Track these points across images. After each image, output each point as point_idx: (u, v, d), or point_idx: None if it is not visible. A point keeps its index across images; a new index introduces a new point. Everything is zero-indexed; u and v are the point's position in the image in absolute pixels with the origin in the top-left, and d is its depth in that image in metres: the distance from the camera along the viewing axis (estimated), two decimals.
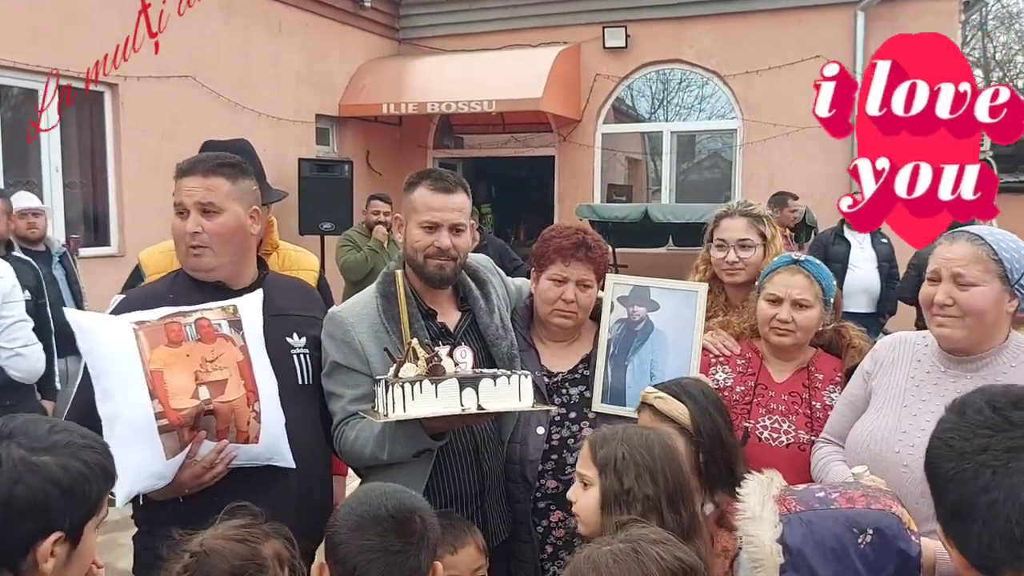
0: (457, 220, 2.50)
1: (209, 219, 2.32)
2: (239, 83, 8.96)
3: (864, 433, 2.27)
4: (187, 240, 2.32)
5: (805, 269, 2.65)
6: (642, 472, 1.93)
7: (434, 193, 2.50)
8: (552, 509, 2.62)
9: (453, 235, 2.50)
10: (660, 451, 1.98)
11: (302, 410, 2.39)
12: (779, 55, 9.91)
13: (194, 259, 2.34)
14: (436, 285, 2.54)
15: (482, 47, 10.84)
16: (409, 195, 2.55)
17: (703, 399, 2.33)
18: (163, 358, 2.07)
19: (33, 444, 1.39)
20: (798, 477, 2.50)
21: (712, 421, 2.29)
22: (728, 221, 3.01)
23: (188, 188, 2.33)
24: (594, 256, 2.65)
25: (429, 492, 2.45)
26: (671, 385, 2.39)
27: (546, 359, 2.73)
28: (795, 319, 2.60)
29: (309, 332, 2.50)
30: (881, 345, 2.41)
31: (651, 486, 1.92)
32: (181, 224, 2.33)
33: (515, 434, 2.64)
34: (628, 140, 11.91)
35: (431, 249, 2.48)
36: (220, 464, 2.13)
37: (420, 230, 2.49)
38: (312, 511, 2.34)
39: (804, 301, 2.60)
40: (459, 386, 2.14)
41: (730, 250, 2.95)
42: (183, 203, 2.33)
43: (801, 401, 2.63)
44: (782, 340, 2.63)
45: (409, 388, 2.09)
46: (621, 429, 2.04)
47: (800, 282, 2.62)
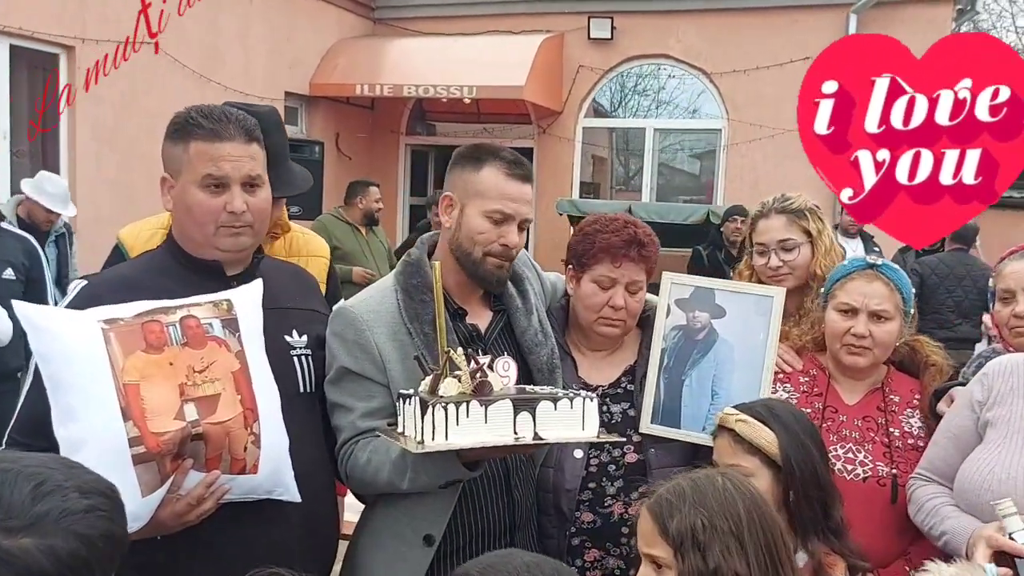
0: (528, 215, 2.13)
1: (252, 194, 1.92)
2: (205, 55, 8.42)
3: (983, 472, 1.94)
4: (223, 220, 1.89)
5: (884, 275, 2.31)
6: (729, 542, 1.51)
7: (510, 179, 2.08)
8: (588, 547, 2.25)
9: (520, 232, 2.12)
10: (746, 508, 1.56)
11: (305, 424, 1.97)
12: (768, 55, 9.66)
13: (231, 239, 1.91)
14: (492, 287, 2.15)
15: (462, 31, 10.41)
16: (472, 173, 2.10)
17: (795, 425, 1.97)
18: (140, 368, 1.63)
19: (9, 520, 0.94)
20: (878, 515, 2.19)
21: (806, 453, 1.93)
22: (765, 222, 2.66)
23: (232, 157, 1.88)
24: (648, 254, 2.27)
25: (450, 526, 2.06)
26: (756, 407, 2.03)
27: (584, 370, 2.35)
28: (873, 333, 2.26)
29: (311, 329, 2.08)
30: (993, 371, 2.08)
31: (741, 559, 1.50)
32: (215, 200, 1.88)
33: (549, 457, 2.25)
34: (601, 135, 11.58)
35: (495, 246, 2.07)
36: (209, 500, 1.71)
37: (485, 219, 2.07)
38: (319, 548, 1.94)
39: (884, 313, 2.26)
40: (513, 410, 1.74)
41: (771, 254, 2.60)
42: (227, 175, 1.88)
43: (877, 427, 2.29)
44: (856, 360, 2.29)
45: (454, 411, 1.69)
46: (688, 485, 1.59)
47: (879, 290, 2.28)
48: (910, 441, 2.27)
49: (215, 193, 1.89)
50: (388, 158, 11.20)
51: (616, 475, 2.25)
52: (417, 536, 2.02)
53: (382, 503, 2.12)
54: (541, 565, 1.25)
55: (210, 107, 1.96)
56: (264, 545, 1.81)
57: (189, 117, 1.92)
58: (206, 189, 1.88)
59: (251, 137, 1.94)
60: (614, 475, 2.25)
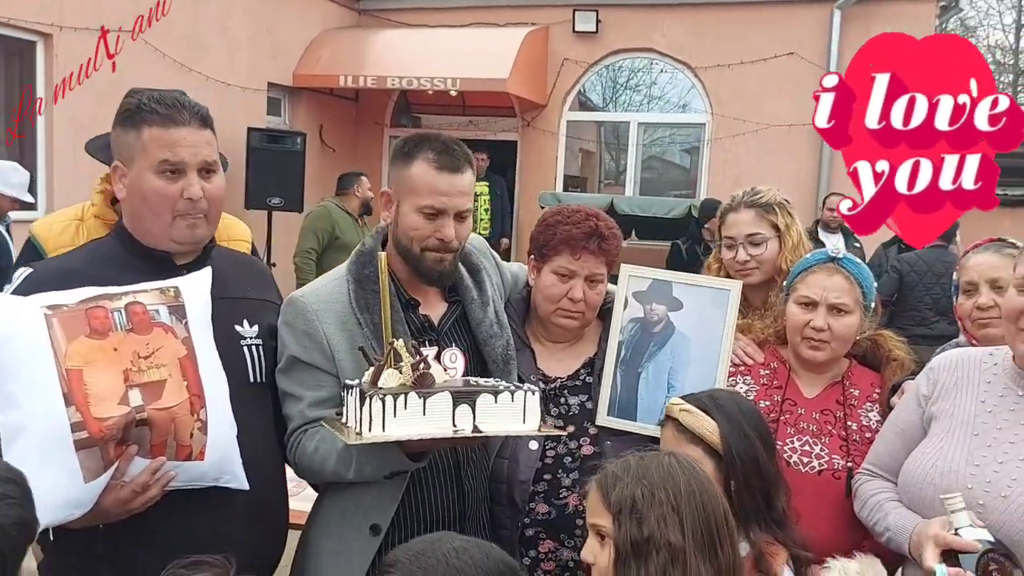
0: (464, 206, 2.09)
1: (208, 180, 1.91)
2: (186, 43, 8.35)
3: (925, 467, 1.95)
4: (181, 207, 1.87)
5: (844, 268, 2.32)
6: (666, 512, 1.55)
7: (440, 172, 2.05)
8: (542, 538, 2.25)
9: (457, 223, 2.08)
10: (687, 482, 1.60)
11: (254, 414, 1.97)
12: (752, 50, 9.68)
13: (187, 230, 1.90)
14: (435, 283, 2.14)
15: (447, 23, 10.38)
16: (405, 168, 2.09)
17: (739, 416, 1.97)
18: (83, 353, 1.62)
19: None
20: (832, 508, 2.20)
21: (748, 444, 1.93)
22: (734, 216, 2.67)
23: (188, 142, 1.87)
24: (608, 247, 2.27)
25: (398, 514, 2.07)
26: (702, 397, 2.04)
27: (543, 362, 2.35)
28: (831, 327, 2.27)
29: (263, 319, 2.07)
30: (939, 365, 2.09)
31: (677, 529, 1.54)
32: (172, 187, 1.86)
33: (503, 448, 2.25)
34: (588, 129, 11.58)
35: (431, 240, 2.07)
36: (154, 487, 1.70)
37: (419, 216, 2.06)
38: (266, 536, 1.93)
39: (843, 306, 2.27)
40: (452, 402, 1.74)
41: (739, 248, 2.61)
42: (183, 161, 1.86)
43: (835, 420, 2.30)
44: (815, 354, 2.30)
45: (391, 402, 1.69)
46: (635, 461, 1.65)
47: (839, 284, 2.29)
48: (868, 435, 2.27)
49: (171, 179, 1.87)
50: (372, 150, 11.15)
51: (572, 467, 2.25)
52: (364, 525, 2.02)
53: (331, 492, 2.12)
54: (470, 549, 1.26)
55: (161, 92, 1.95)
56: (209, 533, 1.80)
57: (141, 103, 1.90)
58: (162, 175, 1.87)
59: (205, 123, 1.93)
60: (570, 467, 2.25)
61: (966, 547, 1.74)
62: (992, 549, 1.74)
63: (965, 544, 1.74)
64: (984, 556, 1.73)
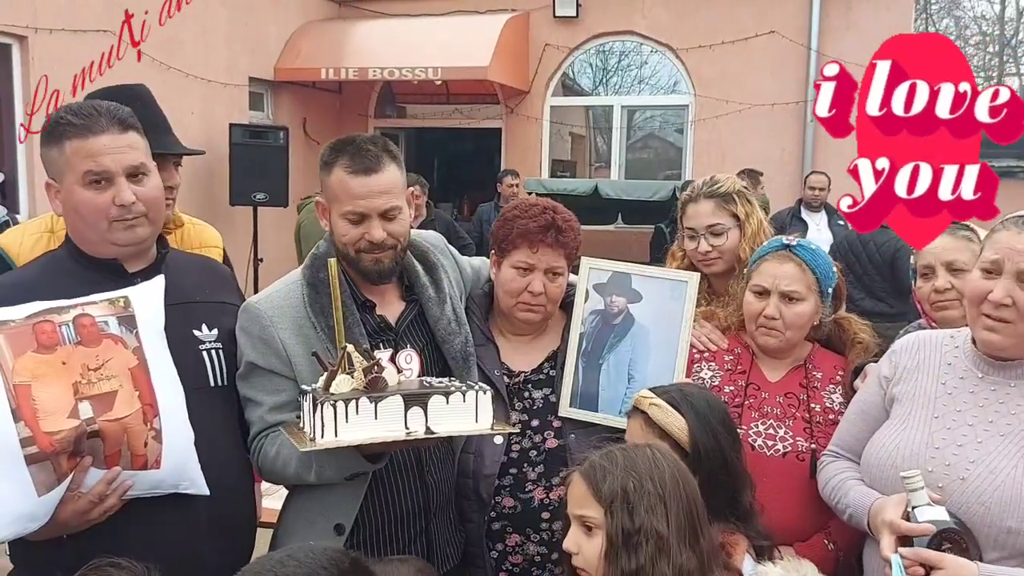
0: (387, 205, 2.07)
1: (141, 184, 1.90)
2: (164, 40, 8.29)
3: (887, 448, 1.97)
4: (113, 214, 1.86)
5: (796, 255, 2.32)
6: (655, 503, 1.61)
7: (353, 176, 2.05)
8: (509, 531, 2.27)
9: (386, 222, 2.08)
10: (671, 474, 1.66)
11: (216, 418, 1.98)
12: (733, 30, 9.65)
13: (125, 233, 1.89)
14: (376, 281, 2.14)
15: (427, 12, 10.33)
16: (326, 178, 2.10)
17: (708, 412, 1.99)
18: (31, 368, 1.63)
19: None
20: (797, 490, 2.22)
21: (716, 442, 1.95)
22: (693, 207, 2.68)
23: (110, 149, 1.85)
24: (566, 240, 2.28)
25: (362, 512, 2.09)
26: (672, 391, 2.04)
27: (507, 355, 2.36)
28: (783, 314, 2.28)
29: (222, 322, 2.07)
30: (901, 347, 2.10)
31: (663, 519, 1.60)
32: (101, 196, 1.85)
33: (468, 443, 2.27)
34: (577, 114, 11.56)
35: (362, 243, 2.07)
36: (112, 497, 1.71)
37: (345, 222, 2.08)
38: (231, 540, 1.95)
39: (794, 293, 2.28)
40: (404, 405, 1.75)
41: (700, 239, 2.63)
42: (107, 169, 1.85)
43: (798, 403, 2.32)
44: (767, 341, 2.32)
45: (343, 408, 1.70)
46: (619, 453, 1.70)
47: (790, 271, 2.30)
48: (831, 417, 2.29)
49: (100, 189, 1.87)
50: None
51: (537, 461, 2.27)
52: (328, 525, 2.05)
53: (296, 493, 2.14)
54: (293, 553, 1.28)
55: (79, 104, 1.94)
56: (173, 539, 1.82)
57: (59, 117, 1.90)
58: (90, 186, 1.87)
59: (126, 126, 1.90)
60: (535, 461, 2.27)
61: (919, 532, 1.75)
62: (946, 529, 1.75)
63: (918, 529, 1.75)
64: (937, 536, 1.75)
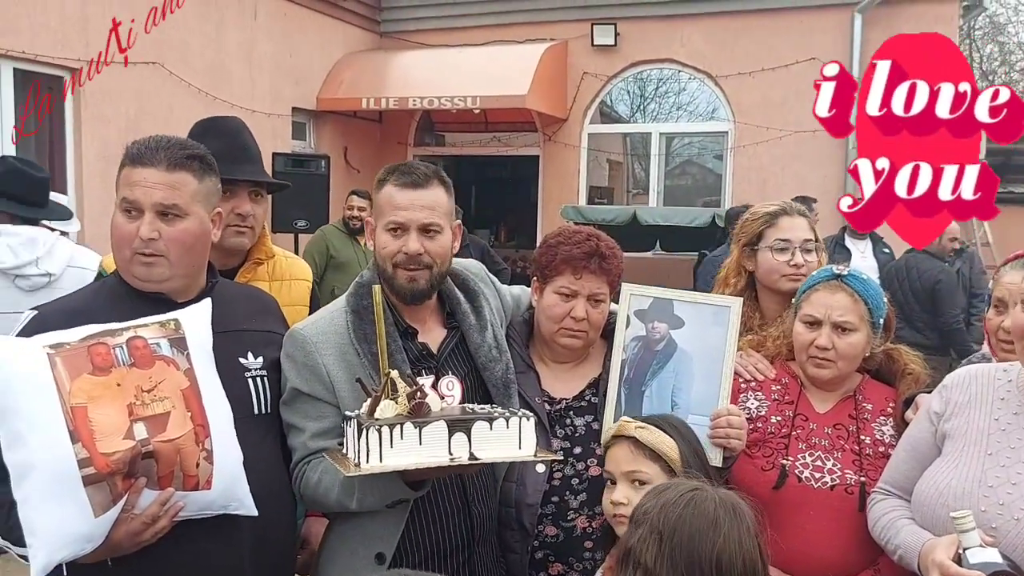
0: (428, 220, 2.10)
1: (170, 224, 1.92)
2: (211, 72, 8.52)
3: (938, 487, 1.92)
4: (136, 246, 1.90)
5: (848, 285, 2.28)
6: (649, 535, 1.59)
7: (400, 189, 2.11)
8: (551, 560, 2.24)
9: (425, 238, 2.10)
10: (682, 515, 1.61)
11: (260, 445, 2.00)
12: (773, 57, 9.62)
13: (143, 268, 1.93)
14: (409, 301, 2.16)
15: (466, 42, 10.47)
16: (376, 195, 2.18)
17: (690, 436, 2.07)
18: (87, 390, 1.65)
19: None
20: (844, 524, 2.17)
21: (700, 461, 2.03)
22: (789, 220, 2.62)
23: (146, 184, 1.90)
24: (609, 267, 2.27)
25: (405, 542, 2.08)
26: (653, 418, 2.10)
27: (548, 383, 2.35)
28: (836, 346, 2.25)
29: (267, 351, 2.10)
30: (952, 381, 2.05)
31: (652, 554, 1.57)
32: (129, 225, 1.90)
33: (511, 472, 2.26)
34: (615, 141, 11.58)
35: (399, 256, 2.10)
36: (164, 518, 1.73)
37: (386, 234, 2.12)
38: (271, 567, 1.96)
39: (847, 324, 2.25)
40: (448, 430, 1.75)
41: (796, 251, 2.56)
42: (137, 200, 1.90)
43: (848, 435, 2.28)
44: (820, 373, 2.28)
45: (388, 433, 1.71)
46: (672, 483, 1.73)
47: (842, 301, 2.26)
48: (881, 449, 2.24)
49: (131, 218, 1.91)
50: None
51: (579, 489, 2.25)
52: (369, 554, 2.04)
53: (338, 521, 2.14)
54: None
55: (156, 136, 1.99)
56: (217, 562, 1.84)
57: (131, 143, 1.97)
58: (125, 213, 1.92)
59: (176, 165, 1.93)
60: (577, 489, 2.25)
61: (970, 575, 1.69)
62: (998, 572, 1.69)
63: (968, 573, 1.69)
64: None
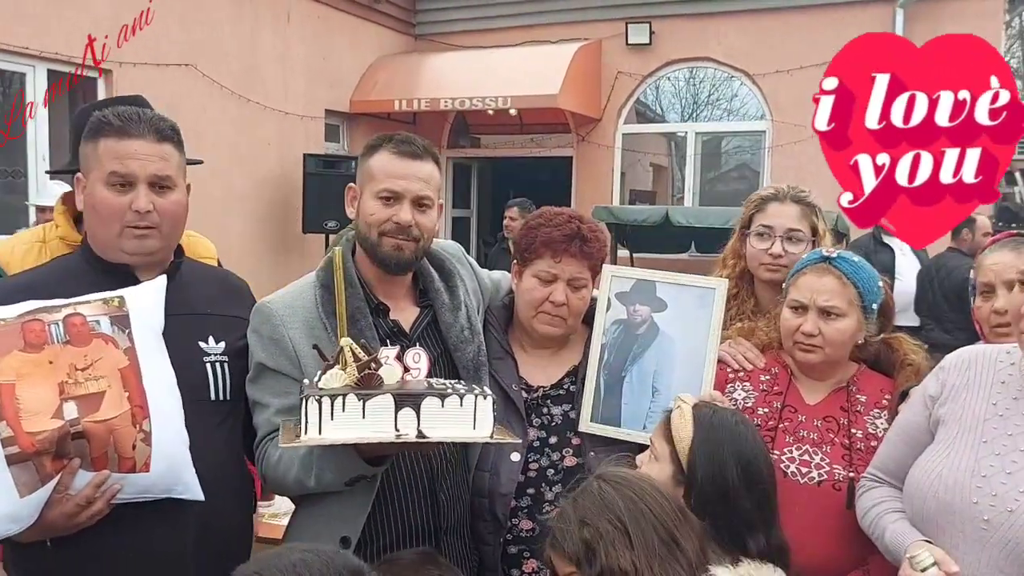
0: (423, 192, 2.05)
1: (162, 195, 1.90)
2: (244, 74, 8.59)
3: (930, 476, 1.78)
4: (128, 219, 1.87)
5: (837, 268, 2.14)
6: (615, 538, 1.53)
7: (398, 157, 2.05)
8: (526, 556, 2.15)
9: (416, 210, 2.05)
10: (625, 502, 1.57)
11: (214, 431, 1.93)
12: (812, 54, 9.33)
13: (135, 241, 1.89)
14: (392, 270, 2.09)
15: (499, 43, 10.40)
16: (366, 161, 2.10)
17: (725, 443, 1.81)
18: (16, 367, 1.60)
19: None
20: (831, 522, 2.04)
21: (718, 470, 1.78)
22: (777, 206, 2.49)
23: (139, 155, 1.87)
24: (591, 250, 2.17)
25: (370, 525, 2.00)
26: (708, 405, 1.92)
27: (525, 370, 2.26)
28: (822, 331, 2.11)
29: (231, 337, 2.04)
30: (950, 363, 1.91)
31: (627, 550, 1.51)
32: (120, 198, 1.86)
33: (484, 460, 2.17)
34: (650, 141, 11.40)
35: (388, 224, 2.03)
36: (99, 501, 1.67)
37: (376, 201, 2.04)
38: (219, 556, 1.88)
39: (833, 309, 2.11)
40: (395, 405, 1.65)
41: (776, 240, 2.43)
42: (132, 173, 1.86)
43: (838, 428, 2.14)
44: (807, 357, 2.15)
45: (328, 404, 1.61)
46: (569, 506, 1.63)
47: (829, 285, 2.13)
48: (873, 443, 2.10)
49: (120, 191, 1.87)
50: None
51: (555, 480, 2.16)
52: (334, 538, 1.96)
53: (303, 504, 2.08)
54: (309, 561, 1.19)
55: (125, 107, 1.96)
56: (160, 547, 1.78)
57: (102, 116, 1.91)
58: (112, 187, 1.87)
59: (162, 136, 1.92)
60: (553, 480, 2.16)
61: None
62: None
63: None
64: None
